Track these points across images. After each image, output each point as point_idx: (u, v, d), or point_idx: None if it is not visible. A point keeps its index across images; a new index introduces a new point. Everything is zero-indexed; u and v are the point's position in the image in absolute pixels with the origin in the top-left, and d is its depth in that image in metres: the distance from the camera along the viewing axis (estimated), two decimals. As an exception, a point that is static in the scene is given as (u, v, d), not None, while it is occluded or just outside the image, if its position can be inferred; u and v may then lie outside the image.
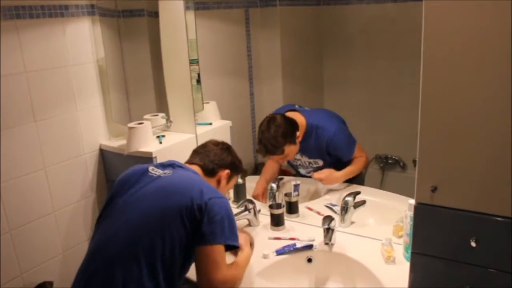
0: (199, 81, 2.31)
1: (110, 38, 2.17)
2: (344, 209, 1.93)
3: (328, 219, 1.76)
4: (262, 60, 2.95)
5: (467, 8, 1.12)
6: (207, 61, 2.46)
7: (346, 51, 3.32)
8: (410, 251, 1.40)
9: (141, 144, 2.04)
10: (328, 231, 1.76)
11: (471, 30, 1.13)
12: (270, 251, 1.77)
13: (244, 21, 2.81)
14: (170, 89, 2.26)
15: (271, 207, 1.98)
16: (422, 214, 1.32)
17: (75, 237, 2.09)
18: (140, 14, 2.32)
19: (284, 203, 2.03)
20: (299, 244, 1.80)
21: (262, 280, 1.65)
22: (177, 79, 2.23)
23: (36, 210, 1.93)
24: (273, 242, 1.86)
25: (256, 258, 1.72)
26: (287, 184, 2.24)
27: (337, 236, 1.80)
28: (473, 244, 1.23)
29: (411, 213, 1.46)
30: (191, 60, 2.21)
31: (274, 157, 2.16)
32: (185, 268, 1.51)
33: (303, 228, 1.97)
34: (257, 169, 2.90)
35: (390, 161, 3.31)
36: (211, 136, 1.89)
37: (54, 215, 2.00)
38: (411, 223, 1.40)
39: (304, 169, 2.38)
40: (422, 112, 1.24)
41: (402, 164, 3.28)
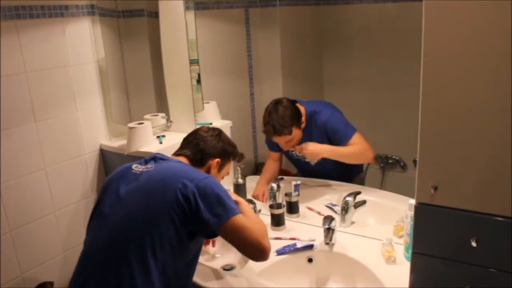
0: (199, 81, 2.30)
1: (110, 38, 2.17)
2: (345, 209, 1.93)
3: (329, 219, 1.76)
4: (262, 60, 2.95)
5: (467, 7, 1.12)
6: (207, 61, 2.46)
7: (346, 51, 3.32)
8: (410, 251, 1.40)
9: (141, 144, 2.04)
10: (329, 231, 1.76)
11: (471, 30, 1.13)
12: (271, 251, 1.77)
13: (244, 21, 2.81)
14: (170, 89, 2.26)
15: (271, 207, 1.98)
16: (423, 214, 1.32)
17: (75, 237, 2.09)
18: (140, 14, 2.32)
19: (284, 203, 2.03)
20: (299, 244, 1.80)
21: (262, 280, 1.64)
22: (177, 79, 2.22)
23: (37, 210, 1.93)
24: (273, 242, 1.85)
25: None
26: (287, 184, 2.24)
27: (337, 236, 1.80)
28: (473, 244, 1.23)
29: (411, 213, 1.46)
30: (191, 60, 2.21)
31: (280, 139, 2.13)
32: (191, 263, 1.51)
33: (303, 228, 1.97)
34: (257, 169, 2.89)
35: (390, 161, 3.31)
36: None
37: (54, 215, 2.00)
38: (412, 223, 1.40)
39: (308, 161, 2.35)
40: (422, 112, 1.24)
41: (402, 164, 3.28)
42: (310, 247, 1.79)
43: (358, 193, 1.95)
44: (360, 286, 1.67)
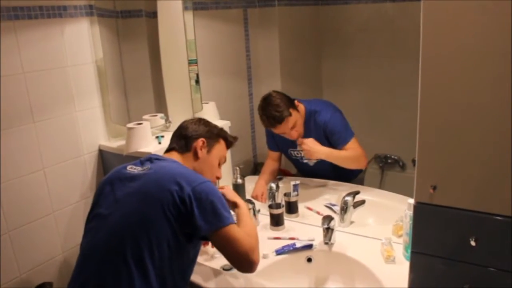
0: (198, 81, 2.31)
1: (108, 38, 2.17)
2: (344, 208, 1.93)
3: (328, 219, 1.76)
4: (260, 60, 2.95)
5: (466, 7, 1.12)
6: (205, 61, 2.46)
7: (345, 51, 3.33)
8: (409, 251, 1.40)
9: (140, 144, 2.04)
10: (328, 231, 1.76)
11: (469, 29, 1.13)
12: (270, 251, 1.77)
13: (243, 21, 2.81)
14: (169, 89, 2.25)
15: (270, 207, 1.98)
16: (422, 213, 1.32)
17: (74, 237, 2.09)
18: (139, 14, 2.32)
19: (283, 203, 2.03)
20: (298, 244, 1.80)
21: (261, 280, 1.64)
22: (176, 80, 2.22)
23: (35, 211, 1.93)
24: (272, 242, 1.86)
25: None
26: (286, 184, 2.24)
27: (336, 236, 1.80)
28: (472, 243, 1.23)
29: (410, 212, 1.46)
30: (190, 60, 2.21)
31: (284, 127, 2.13)
32: (189, 265, 1.52)
33: (302, 228, 1.97)
34: (256, 169, 2.90)
35: (389, 160, 3.32)
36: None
37: (53, 216, 2.00)
38: (411, 222, 1.40)
39: (308, 160, 2.36)
40: (421, 111, 1.24)
41: (401, 163, 3.28)
42: (309, 246, 1.79)
43: (357, 192, 1.95)
44: (359, 285, 1.67)
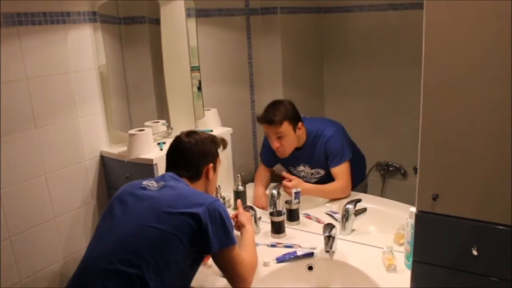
0: (200, 88, 2.31)
1: (111, 45, 2.18)
2: (345, 216, 1.93)
3: (329, 227, 1.76)
4: (263, 68, 2.96)
5: (467, 16, 1.13)
6: (208, 68, 2.46)
7: (346, 59, 3.34)
8: (411, 259, 1.39)
9: (142, 151, 2.04)
10: (329, 239, 1.76)
11: (471, 38, 1.14)
12: (271, 258, 1.77)
13: (245, 28, 2.82)
14: (171, 96, 2.26)
15: (271, 214, 1.98)
16: (423, 222, 1.31)
17: (75, 243, 2.08)
18: (142, 21, 2.33)
19: (284, 210, 2.03)
20: (299, 252, 1.79)
21: (262, 287, 1.64)
22: (178, 86, 2.23)
23: (37, 217, 1.92)
24: (273, 250, 1.85)
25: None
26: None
27: (338, 244, 1.79)
28: (474, 252, 1.23)
29: (412, 221, 1.46)
30: (192, 67, 2.21)
31: (270, 130, 2.17)
32: (189, 279, 1.54)
33: (303, 235, 1.96)
34: (258, 176, 2.88)
35: (391, 168, 3.32)
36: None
37: (54, 222, 1.99)
38: (412, 231, 1.40)
39: (308, 180, 2.38)
40: (423, 119, 1.25)
41: (402, 171, 3.28)
42: (311, 254, 1.78)
43: (359, 200, 1.95)
44: (360, 294, 1.67)
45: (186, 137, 1.70)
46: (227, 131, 2.40)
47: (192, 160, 1.66)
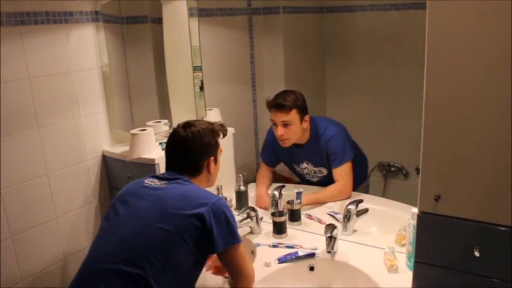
0: (202, 87, 2.31)
1: (113, 44, 2.18)
2: (347, 217, 1.92)
3: (331, 227, 1.75)
4: (265, 67, 2.96)
5: (470, 16, 1.12)
6: (210, 68, 2.46)
7: (348, 58, 3.33)
8: (413, 260, 1.39)
9: (144, 150, 2.04)
10: (331, 239, 1.75)
11: (474, 38, 1.13)
12: (272, 259, 1.76)
13: (248, 28, 2.82)
14: (173, 95, 2.26)
15: (273, 214, 1.97)
16: (425, 223, 1.31)
17: (77, 243, 2.09)
18: (144, 20, 2.33)
19: (286, 210, 2.03)
20: (301, 252, 1.79)
21: (264, 288, 1.64)
22: (180, 86, 2.23)
23: (38, 216, 1.93)
24: (275, 250, 1.85)
25: (258, 266, 1.71)
26: (289, 191, 2.23)
27: (339, 245, 1.79)
28: (476, 253, 1.23)
29: (414, 222, 1.46)
30: (195, 67, 2.21)
31: (277, 116, 2.15)
32: (195, 275, 1.53)
33: (305, 236, 1.96)
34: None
35: (392, 168, 3.31)
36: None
37: (56, 221, 2.00)
38: (414, 232, 1.39)
39: (311, 178, 2.38)
40: (425, 120, 1.24)
41: (404, 172, 3.28)
42: (312, 255, 1.78)
43: (360, 201, 1.94)
44: (362, 295, 1.66)
45: (183, 130, 1.61)
46: (229, 130, 2.39)
47: (192, 156, 1.60)
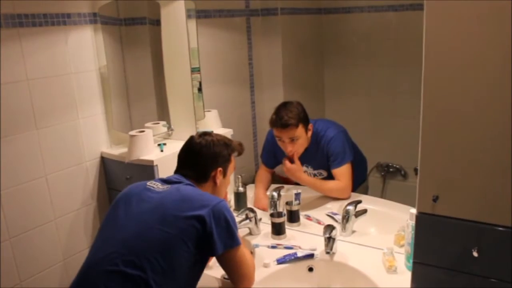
0: (200, 89, 2.31)
1: (112, 46, 2.18)
2: (345, 218, 1.92)
3: (329, 228, 1.76)
4: (263, 69, 2.96)
5: (468, 17, 1.13)
6: (208, 69, 2.46)
7: (347, 59, 3.34)
8: (411, 261, 1.39)
9: (142, 152, 2.04)
10: (329, 240, 1.75)
11: (472, 38, 1.14)
12: (271, 260, 1.76)
13: (246, 29, 2.82)
14: (171, 97, 2.26)
15: (272, 215, 1.97)
16: (424, 223, 1.31)
17: (75, 245, 2.09)
18: (142, 22, 2.33)
19: (285, 211, 2.03)
20: (300, 253, 1.79)
21: (262, 289, 1.64)
22: (178, 87, 2.23)
23: (37, 218, 1.93)
24: (274, 251, 1.85)
25: (257, 267, 1.71)
26: (288, 192, 2.23)
27: (338, 245, 1.79)
28: (475, 254, 1.23)
29: (412, 222, 1.46)
30: (193, 68, 2.21)
31: (285, 133, 2.14)
32: (196, 277, 1.52)
33: (304, 237, 1.96)
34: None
35: (391, 169, 3.32)
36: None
37: (54, 223, 2.00)
38: (413, 232, 1.39)
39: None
40: (423, 120, 1.24)
41: (403, 172, 3.28)
42: (311, 256, 1.78)
43: (359, 202, 1.94)
44: (361, 295, 1.67)
45: (198, 137, 1.66)
46: (228, 132, 2.40)
47: (200, 161, 1.61)
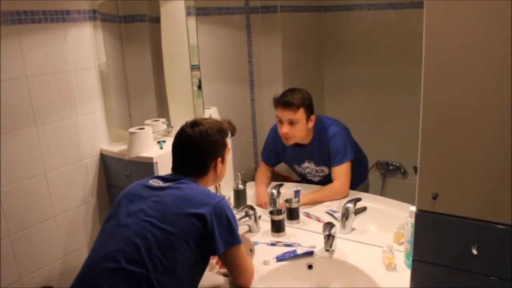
0: (200, 86, 2.31)
1: (111, 43, 2.18)
2: (345, 215, 1.92)
3: (329, 226, 1.76)
4: (263, 66, 2.95)
5: (468, 15, 1.13)
6: (208, 66, 2.46)
7: (346, 57, 3.33)
8: (411, 258, 1.39)
9: (142, 149, 2.04)
10: (329, 238, 1.75)
11: (472, 36, 1.14)
12: (271, 257, 1.77)
13: (245, 27, 2.82)
14: (171, 94, 2.26)
15: (271, 213, 1.98)
16: (423, 221, 1.31)
17: (75, 242, 2.09)
18: (142, 19, 2.33)
19: (284, 209, 2.03)
20: (299, 251, 1.79)
21: (262, 286, 1.64)
22: (178, 85, 2.23)
23: (36, 215, 1.93)
24: (273, 248, 1.85)
25: (256, 264, 1.71)
26: (287, 190, 2.23)
27: (337, 243, 1.79)
28: (474, 251, 1.23)
29: (412, 220, 1.46)
30: (192, 65, 2.21)
31: (285, 113, 2.14)
32: (197, 275, 1.53)
33: (303, 234, 1.96)
34: (258, 175, 2.88)
35: (391, 167, 3.32)
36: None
37: (54, 220, 2.00)
38: (412, 230, 1.39)
39: (312, 177, 2.38)
40: (423, 118, 1.24)
41: (403, 170, 3.28)
42: (310, 253, 1.78)
43: (359, 199, 1.94)
44: (360, 293, 1.67)
45: (190, 128, 1.59)
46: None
47: (198, 157, 1.58)
